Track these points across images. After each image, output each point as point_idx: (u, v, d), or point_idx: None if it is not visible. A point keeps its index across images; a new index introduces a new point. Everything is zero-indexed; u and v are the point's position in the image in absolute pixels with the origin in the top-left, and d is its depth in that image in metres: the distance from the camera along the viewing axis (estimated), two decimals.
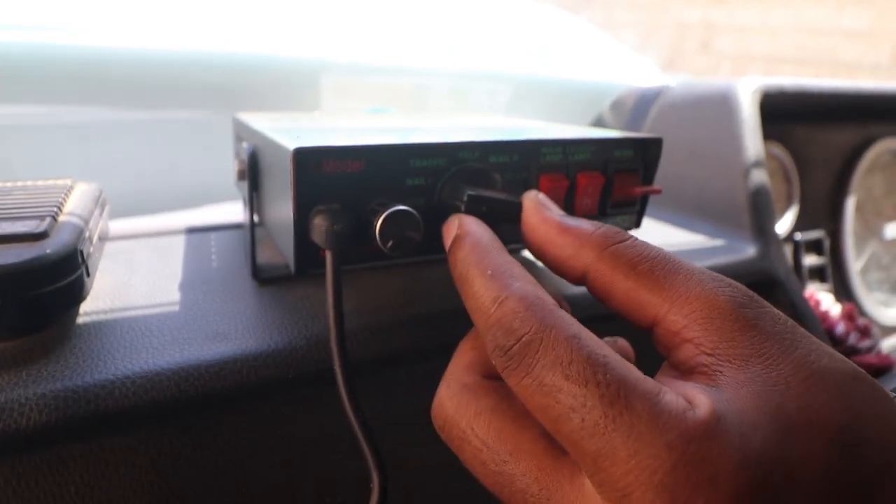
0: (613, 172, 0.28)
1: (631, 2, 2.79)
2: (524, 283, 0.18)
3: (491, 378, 0.20)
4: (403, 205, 0.22)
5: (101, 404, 0.22)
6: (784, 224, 0.55)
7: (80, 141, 0.55)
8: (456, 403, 0.19)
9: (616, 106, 0.59)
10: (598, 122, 0.61)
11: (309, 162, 0.21)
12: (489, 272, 0.18)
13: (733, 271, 0.40)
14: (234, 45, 0.62)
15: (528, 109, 0.81)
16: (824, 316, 0.46)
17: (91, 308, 0.27)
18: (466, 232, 0.21)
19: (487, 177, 0.25)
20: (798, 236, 0.54)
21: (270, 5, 0.71)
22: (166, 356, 0.24)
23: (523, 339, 0.16)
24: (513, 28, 0.92)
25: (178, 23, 0.61)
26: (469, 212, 0.23)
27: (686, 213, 0.46)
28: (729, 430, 0.13)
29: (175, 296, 0.29)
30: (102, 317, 0.27)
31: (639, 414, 0.13)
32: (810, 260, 0.55)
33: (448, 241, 0.21)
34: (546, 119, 0.79)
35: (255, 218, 0.31)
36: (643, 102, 0.54)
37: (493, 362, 0.17)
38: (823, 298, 0.47)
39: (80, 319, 0.26)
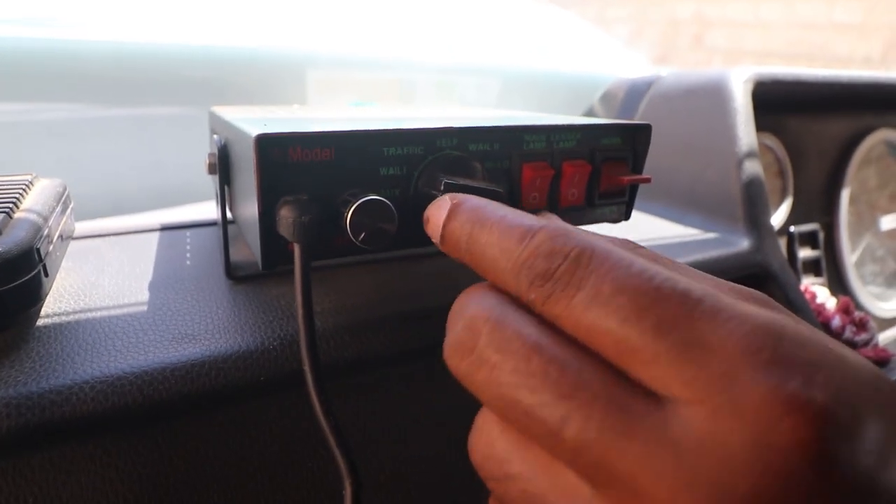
0: (601, 161, 0.27)
1: None
2: (553, 220, 0.17)
3: None
4: (377, 195, 0.21)
5: (58, 411, 0.21)
6: (778, 217, 0.54)
7: (55, 139, 0.53)
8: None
9: (606, 98, 0.58)
10: (589, 115, 0.60)
11: (273, 150, 0.20)
12: (506, 217, 0.16)
13: (727, 264, 0.38)
14: (218, 38, 0.61)
15: (517, 103, 0.80)
16: (820, 309, 0.45)
17: (53, 309, 0.26)
18: (463, 199, 0.18)
19: (467, 165, 0.24)
20: (792, 229, 0.53)
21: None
22: (129, 359, 0.23)
23: (573, 252, 0.14)
24: (502, 22, 0.91)
25: (160, 15, 0.60)
26: None
27: (678, 205, 0.45)
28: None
29: (144, 296, 0.28)
30: (64, 318, 0.25)
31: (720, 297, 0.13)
32: (805, 253, 0.54)
33: (439, 219, 0.18)
34: (536, 111, 0.78)
35: (228, 214, 0.29)
36: (634, 93, 0.53)
37: (530, 301, 0.15)
38: (819, 292, 0.46)
39: (41, 321, 0.25)
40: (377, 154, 0.22)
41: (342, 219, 0.21)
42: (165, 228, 0.36)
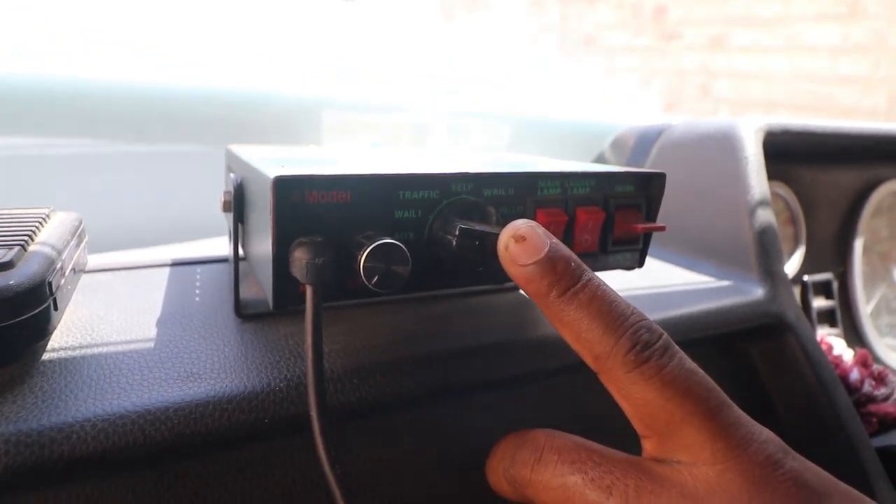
0: (615, 208, 0.27)
1: (630, 48, 2.85)
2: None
3: None
4: (390, 236, 0.21)
5: (57, 449, 0.20)
6: (791, 265, 0.53)
7: (72, 173, 0.54)
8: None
9: (616, 144, 0.59)
10: (599, 161, 0.61)
11: (291, 191, 0.20)
12: (607, 288, 0.20)
13: (742, 313, 0.38)
14: (235, 80, 0.62)
15: (528, 149, 0.81)
16: (837, 361, 0.44)
17: (60, 343, 0.26)
18: (567, 253, 0.21)
19: (482, 210, 0.24)
20: (806, 278, 0.53)
21: (275, 42, 0.72)
22: (133, 397, 0.22)
23: (664, 335, 0.20)
24: (514, 69, 0.93)
25: (180, 57, 0.62)
26: (461, 246, 0.22)
27: (690, 252, 0.44)
28: None
29: (151, 332, 0.27)
30: (70, 353, 0.25)
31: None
32: (819, 303, 0.53)
33: (529, 257, 0.20)
34: (547, 156, 0.78)
35: (241, 251, 0.29)
36: (644, 141, 0.54)
37: (625, 360, 0.19)
38: (835, 343, 0.45)
39: (46, 355, 0.25)
40: (393, 197, 0.22)
41: (356, 261, 0.21)
42: (176, 264, 0.36)
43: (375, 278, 0.20)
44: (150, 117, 0.58)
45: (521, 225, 0.21)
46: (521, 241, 0.20)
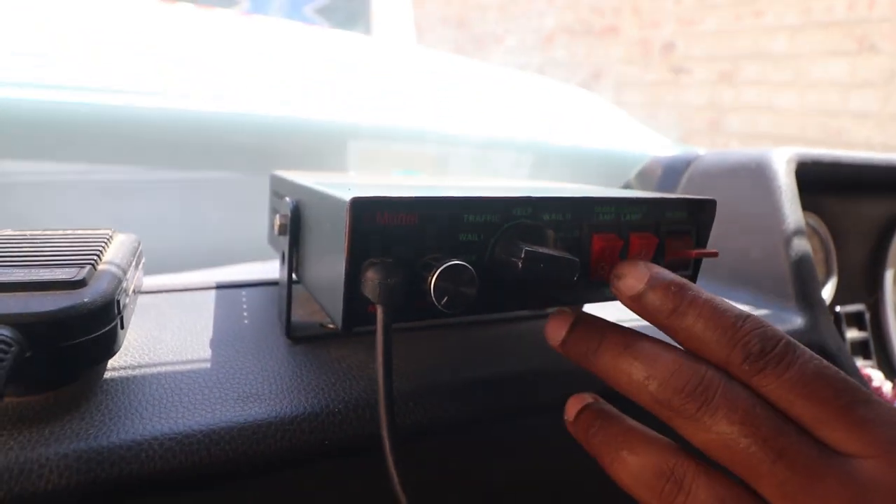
0: (666, 234, 0.27)
1: (640, 82, 2.90)
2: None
3: None
4: (457, 258, 0.21)
5: (127, 467, 0.20)
6: (824, 296, 0.53)
7: (114, 199, 0.56)
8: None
9: (643, 175, 0.60)
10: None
11: (364, 213, 0.20)
12: (714, 300, 0.21)
13: None
14: (267, 108, 0.64)
15: (550, 178, 0.82)
16: (878, 393, 0.43)
17: (119, 363, 0.26)
18: (663, 272, 0.22)
19: (540, 234, 0.24)
20: (838, 309, 0.52)
21: (303, 72, 0.74)
22: (197, 416, 0.23)
23: (783, 340, 0.19)
24: (534, 101, 0.94)
25: (214, 86, 0.63)
26: (526, 269, 0.22)
27: (726, 280, 0.45)
28: None
29: (206, 353, 0.28)
30: (131, 372, 0.25)
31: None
32: (852, 334, 0.53)
33: (638, 282, 0.22)
34: None
35: (293, 274, 0.30)
36: (672, 172, 0.54)
37: (741, 370, 0.19)
38: (874, 375, 0.45)
39: (108, 374, 0.25)
40: (458, 220, 0.22)
41: (423, 282, 0.21)
42: (221, 287, 0.37)
43: (445, 299, 0.21)
44: (180, 145, 0.59)
45: (622, 263, 0.23)
46: (625, 276, 0.22)
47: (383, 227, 0.21)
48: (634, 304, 0.22)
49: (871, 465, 0.17)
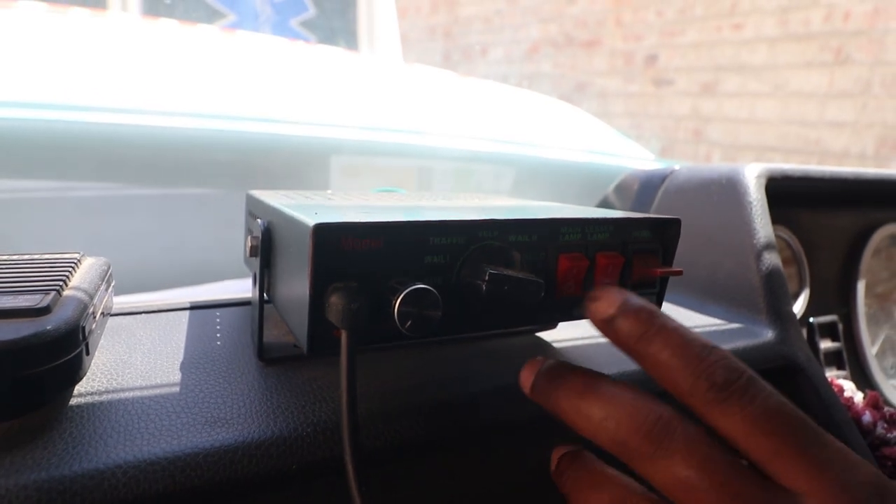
0: (632, 253, 0.27)
1: (623, 93, 2.94)
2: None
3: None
4: (422, 283, 0.21)
5: (89, 496, 0.20)
6: (797, 308, 0.54)
7: (90, 216, 0.55)
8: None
9: (620, 188, 0.60)
10: (604, 204, 0.62)
11: (328, 238, 0.21)
12: (681, 328, 0.21)
13: (753, 356, 0.38)
14: (247, 124, 0.64)
15: (532, 191, 0.82)
16: (849, 403, 0.44)
17: (87, 388, 0.26)
18: (633, 300, 0.22)
19: (507, 255, 0.24)
20: (812, 320, 0.53)
21: (283, 87, 0.74)
22: (162, 443, 0.22)
23: (746, 374, 0.20)
24: (517, 114, 0.95)
25: (191, 101, 0.63)
26: (490, 291, 0.22)
27: (698, 295, 0.45)
28: None
29: (175, 376, 0.28)
30: (98, 398, 0.25)
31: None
32: (826, 345, 0.54)
33: (608, 308, 0.22)
34: (549, 200, 0.80)
35: (265, 295, 0.30)
36: (648, 186, 0.55)
37: (705, 398, 0.19)
38: (845, 385, 0.45)
39: (74, 400, 0.25)
40: (423, 244, 0.23)
41: (388, 306, 0.21)
42: (195, 307, 0.37)
43: (408, 323, 0.21)
44: (162, 162, 0.59)
45: (597, 287, 0.23)
46: (598, 300, 0.22)
47: (347, 252, 0.21)
48: (605, 327, 0.23)
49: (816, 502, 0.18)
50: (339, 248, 0.21)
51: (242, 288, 0.46)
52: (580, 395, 0.21)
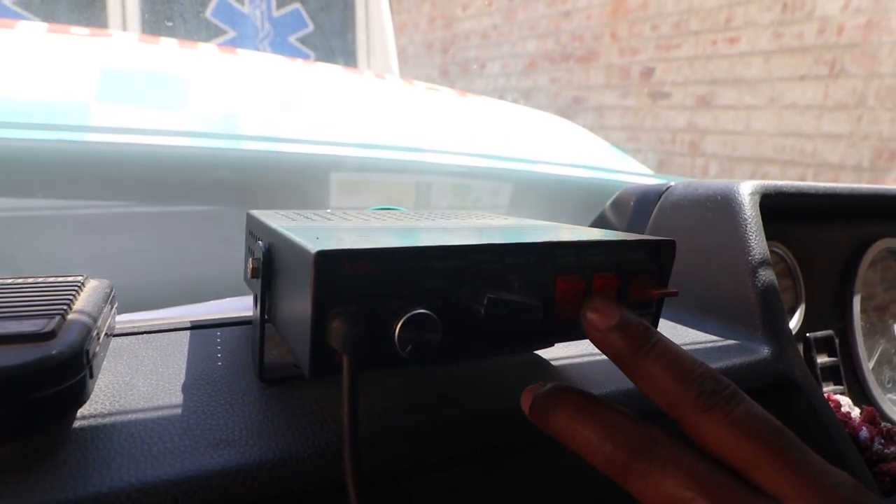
0: (628, 274, 0.28)
1: (620, 106, 2.96)
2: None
3: None
4: (421, 307, 0.22)
5: None
6: (793, 323, 0.55)
7: (92, 233, 0.56)
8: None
9: (617, 204, 0.61)
10: (601, 220, 0.63)
11: (330, 265, 0.21)
12: (672, 345, 0.23)
13: (749, 372, 0.39)
14: (247, 143, 0.65)
15: (529, 207, 0.83)
16: (846, 419, 0.44)
17: (90, 411, 0.26)
18: (629, 317, 0.24)
19: (504, 278, 0.25)
20: (809, 335, 0.54)
21: (283, 105, 0.75)
22: (165, 466, 0.23)
23: (732, 386, 0.21)
24: (513, 131, 0.96)
25: (195, 122, 0.64)
26: (489, 315, 0.23)
27: (695, 312, 0.46)
28: None
29: (178, 398, 0.28)
30: (101, 420, 0.25)
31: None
32: (822, 359, 0.54)
33: (603, 325, 0.24)
34: (547, 215, 0.81)
35: (266, 316, 0.30)
36: (645, 202, 0.56)
37: (694, 405, 0.21)
38: (842, 401, 0.46)
39: (78, 423, 0.25)
40: (422, 268, 0.23)
41: (389, 330, 0.21)
42: (196, 327, 0.37)
43: (409, 347, 0.21)
44: (163, 180, 0.59)
45: (596, 298, 0.25)
46: (597, 312, 0.24)
47: (349, 277, 0.22)
48: (602, 338, 0.24)
49: None
50: (341, 273, 0.21)
51: (241, 306, 0.46)
52: (574, 415, 0.22)
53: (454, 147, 0.81)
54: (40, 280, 0.28)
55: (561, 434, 0.23)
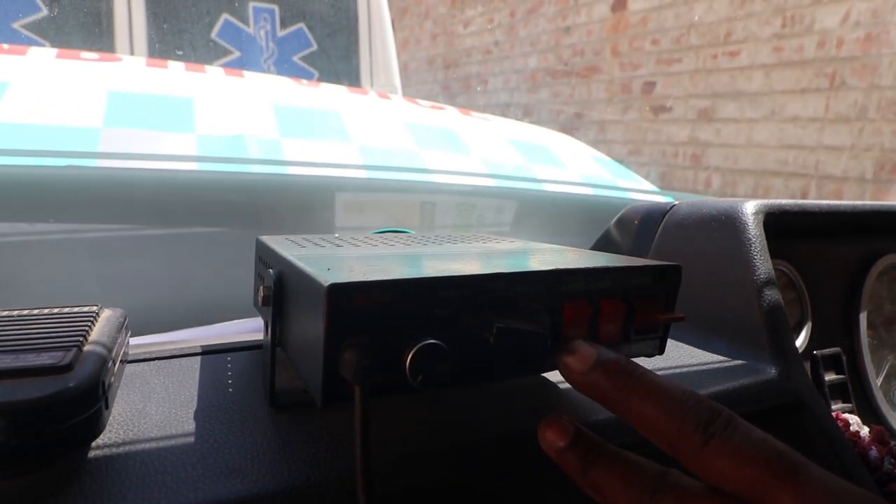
0: (635, 299, 0.28)
1: (622, 120, 2.98)
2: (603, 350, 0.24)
3: None
4: (431, 336, 0.22)
5: None
6: (799, 341, 0.55)
7: (101, 257, 0.56)
8: None
9: (621, 223, 0.61)
10: (605, 239, 0.63)
11: (342, 297, 0.21)
12: (658, 379, 0.23)
13: (756, 393, 0.39)
14: (253, 166, 0.65)
15: (533, 225, 0.84)
16: (855, 438, 0.44)
17: (104, 441, 0.26)
18: (605, 357, 0.24)
19: (512, 305, 0.25)
20: (816, 353, 0.54)
21: (289, 128, 0.76)
22: (180, 496, 0.23)
23: (725, 411, 0.21)
24: (516, 149, 0.97)
25: (201, 147, 0.65)
26: (498, 343, 0.23)
27: (701, 332, 0.46)
28: None
29: (190, 426, 0.28)
30: (115, 450, 0.26)
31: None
32: (830, 377, 0.54)
33: (580, 366, 0.24)
34: (551, 233, 0.81)
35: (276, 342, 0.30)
36: (649, 220, 0.56)
37: (692, 441, 0.20)
38: (851, 420, 0.46)
39: (92, 453, 0.25)
40: (432, 297, 0.23)
41: (399, 359, 0.22)
42: (207, 352, 0.37)
43: (420, 377, 0.21)
44: (170, 203, 0.60)
45: (571, 341, 0.25)
46: (573, 354, 0.24)
47: (360, 309, 0.22)
48: (583, 380, 0.24)
49: None
50: (352, 305, 0.22)
51: (250, 328, 0.46)
52: (609, 471, 0.22)
53: (458, 166, 0.82)
54: (55, 311, 0.28)
55: (594, 486, 0.23)
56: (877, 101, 2.07)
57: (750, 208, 0.47)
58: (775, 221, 0.49)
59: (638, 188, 0.95)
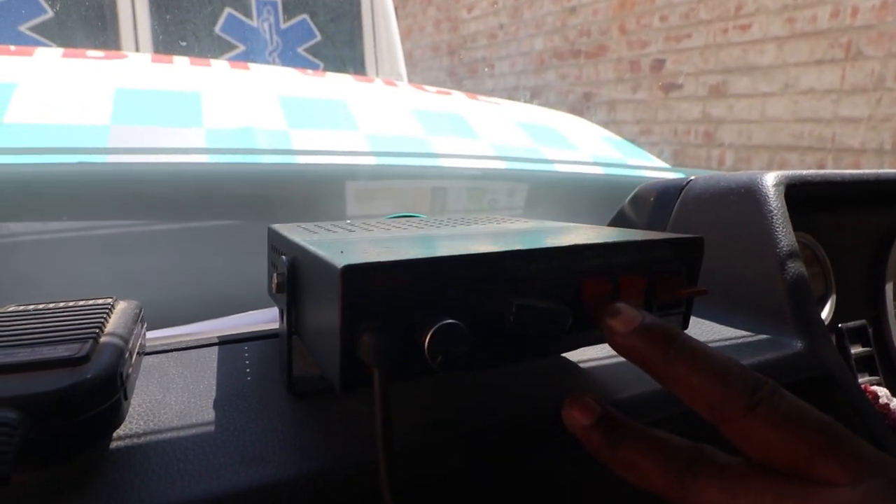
0: (656, 274, 0.27)
1: (632, 99, 2.93)
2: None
3: None
4: (449, 316, 0.22)
5: None
6: (824, 314, 0.53)
7: (116, 252, 0.57)
8: None
9: (636, 200, 0.60)
10: (620, 218, 0.62)
11: (357, 279, 0.21)
12: (704, 346, 0.22)
13: (782, 367, 0.38)
14: (264, 157, 0.65)
15: (546, 207, 0.83)
16: (885, 411, 0.43)
17: (125, 431, 0.26)
18: (659, 321, 0.23)
19: (530, 283, 0.25)
20: (841, 325, 0.52)
21: (297, 117, 0.76)
22: (202, 484, 0.23)
23: (770, 381, 0.21)
24: (525, 130, 0.96)
25: (210, 139, 0.65)
26: (518, 322, 0.22)
27: (723, 307, 0.45)
28: None
29: (210, 414, 0.28)
30: (136, 441, 0.26)
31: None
32: (856, 350, 0.53)
33: (624, 328, 0.23)
34: (563, 215, 0.80)
35: (292, 330, 0.30)
36: (665, 197, 0.55)
37: (737, 406, 0.20)
38: (880, 392, 0.45)
39: (114, 444, 0.25)
40: (449, 277, 0.23)
41: (418, 341, 0.21)
42: (223, 342, 0.37)
43: (439, 358, 0.21)
44: (182, 197, 0.60)
45: (616, 304, 0.24)
46: (617, 316, 0.23)
47: (376, 290, 0.22)
48: (625, 343, 0.23)
49: (851, 493, 0.18)
50: (368, 287, 0.21)
51: (266, 318, 0.46)
52: (638, 451, 0.22)
53: (468, 151, 0.81)
54: (71, 304, 0.28)
55: (622, 464, 0.22)
56: (894, 70, 2.02)
57: (770, 180, 0.46)
58: (796, 193, 0.48)
59: (651, 166, 0.93)
